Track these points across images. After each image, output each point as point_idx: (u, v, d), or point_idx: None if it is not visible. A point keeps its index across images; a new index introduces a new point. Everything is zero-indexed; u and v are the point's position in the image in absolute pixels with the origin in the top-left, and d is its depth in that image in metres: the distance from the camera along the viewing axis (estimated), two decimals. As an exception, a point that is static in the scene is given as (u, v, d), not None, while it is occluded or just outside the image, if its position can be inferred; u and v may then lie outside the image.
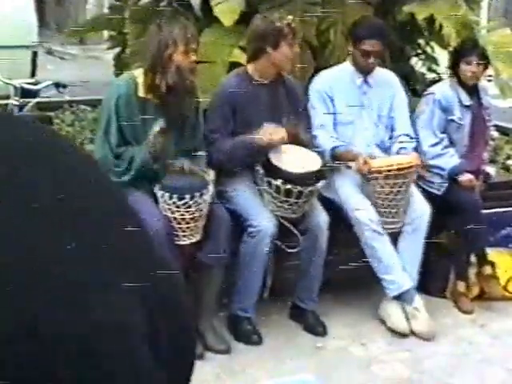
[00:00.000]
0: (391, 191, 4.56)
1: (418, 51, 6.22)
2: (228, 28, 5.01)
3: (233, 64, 4.95)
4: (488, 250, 4.99)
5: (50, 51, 14.02)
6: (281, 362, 4.13)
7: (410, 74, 5.76)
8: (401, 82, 5.02)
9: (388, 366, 4.22)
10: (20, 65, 7.99)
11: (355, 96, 4.85)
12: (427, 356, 4.33)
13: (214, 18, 5.12)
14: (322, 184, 4.40)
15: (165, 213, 4.08)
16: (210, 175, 4.26)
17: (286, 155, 4.36)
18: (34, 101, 5.71)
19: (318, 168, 4.34)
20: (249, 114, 4.42)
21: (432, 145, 4.98)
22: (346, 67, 4.88)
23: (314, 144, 4.67)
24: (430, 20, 5.37)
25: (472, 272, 4.97)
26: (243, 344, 4.33)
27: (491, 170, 5.33)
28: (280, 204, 4.31)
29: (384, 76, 4.95)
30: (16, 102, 5.61)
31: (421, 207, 4.67)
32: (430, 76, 6.12)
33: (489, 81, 5.60)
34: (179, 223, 4.07)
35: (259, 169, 4.36)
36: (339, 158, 4.74)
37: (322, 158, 4.47)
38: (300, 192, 4.26)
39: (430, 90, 5.14)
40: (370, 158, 4.62)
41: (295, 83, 4.73)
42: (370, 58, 4.75)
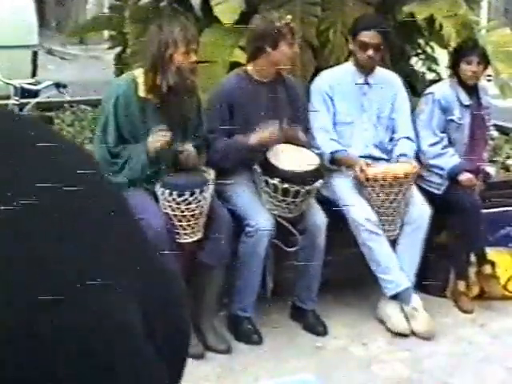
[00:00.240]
0: (387, 199, 4.56)
1: (418, 51, 6.22)
2: (228, 28, 5.01)
3: (233, 64, 4.95)
4: (488, 250, 4.99)
5: (50, 51, 14.03)
6: (281, 362, 4.13)
7: (410, 74, 5.75)
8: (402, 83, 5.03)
9: (388, 366, 4.22)
10: (20, 65, 8.00)
11: (355, 96, 4.84)
12: (427, 355, 4.33)
13: (214, 18, 5.12)
14: (319, 183, 4.38)
15: (165, 210, 4.08)
16: (210, 174, 4.26)
17: (283, 154, 4.35)
18: (34, 101, 5.72)
19: (315, 167, 4.34)
20: (248, 114, 4.42)
21: (431, 144, 4.98)
22: (347, 67, 4.88)
23: (312, 145, 4.68)
24: (430, 20, 5.37)
25: (472, 271, 4.97)
26: (243, 344, 4.33)
27: (491, 170, 5.32)
28: (277, 203, 4.31)
29: (386, 77, 4.94)
30: (16, 102, 5.61)
31: (421, 208, 4.66)
32: (430, 76, 6.11)
33: (488, 80, 5.59)
34: (180, 221, 4.07)
35: (257, 168, 4.36)
36: (337, 162, 4.74)
37: (320, 159, 4.48)
38: (297, 191, 4.26)
39: (429, 89, 5.13)
40: (367, 164, 4.62)
41: (296, 82, 4.72)
42: (368, 51, 4.71)
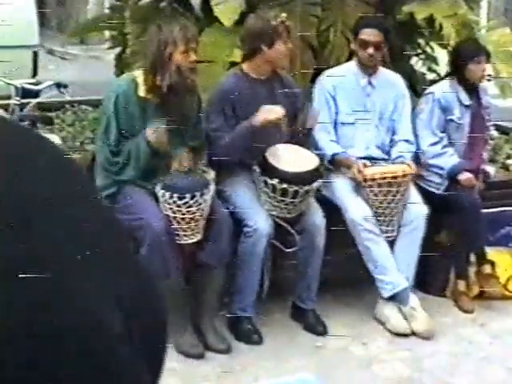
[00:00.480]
0: (385, 199, 4.56)
1: (418, 51, 6.22)
2: (228, 28, 5.01)
3: (233, 64, 4.95)
4: (488, 250, 4.98)
5: (51, 51, 14.03)
6: (281, 362, 4.13)
7: (410, 74, 5.75)
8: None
9: (388, 366, 4.22)
10: (21, 65, 7.99)
11: (358, 97, 4.83)
12: (427, 355, 4.33)
13: (214, 17, 5.12)
14: (318, 184, 4.38)
15: (165, 212, 4.08)
16: (210, 175, 4.26)
17: (282, 154, 4.35)
18: (34, 101, 5.72)
19: (314, 167, 4.33)
20: (248, 112, 4.42)
21: (431, 144, 4.97)
22: (350, 67, 4.86)
23: (313, 145, 4.68)
24: (430, 20, 5.37)
25: (472, 271, 4.97)
26: (244, 343, 4.33)
27: (491, 170, 5.33)
28: (276, 204, 4.31)
29: (389, 78, 4.93)
30: (17, 102, 5.62)
31: (418, 208, 4.66)
32: (430, 76, 6.11)
33: (488, 80, 5.59)
34: (180, 223, 4.07)
35: (256, 168, 4.36)
36: (337, 163, 4.74)
37: (319, 159, 4.48)
38: (296, 191, 4.26)
39: (429, 89, 5.12)
40: (365, 166, 4.62)
41: (292, 81, 4.73)
42: (369, 49, 4.70)
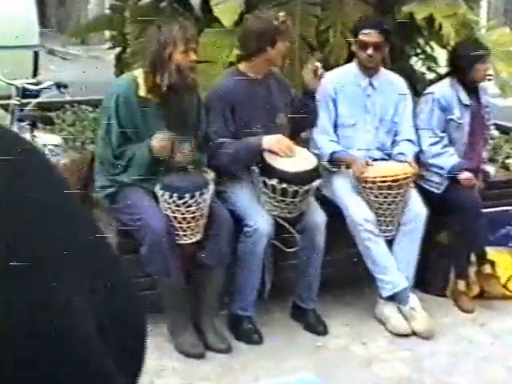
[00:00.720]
0: (385, 201, 4.56)
1: (418, 51, 6.22)
2: (228, 28, 5.01)
3: (233, 64, 4.95)
4: (488, 249, 4.99)
5: (51, 51, 14.04)
6: (281, 361, 4.13)
7: (410, 74, 5.75)
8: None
9: (388, 365, 4.22)
10: (22, 65, 8.00)
11: (359, 98, 4.82)
12: (427, 355, 4.33)
13: (213, 18, 5.13)
14: (317, 183, 4.38)
15: (165, 212, 4.09)
16: (210, 175, 4.26)
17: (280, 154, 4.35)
18: (34, 101, 5.72)
19: (313, 167, 4.33)
20: (247, 111, 4.43)
21: (431, 144, 4.97)
22: (351, 68, 4.86)
23: (312, 146, 4.69)
24: (430, 19, 5.37)
25: (472, 271, 4.97)
26: (244, 343, 4.33)
27: (491, 169, 5.33)
28: (276, 204, 4.31)
29: (390, 79, 4.92)
30: (17, 102, 5.62)
31: (417, 209, 4.65)
32: (430, 75, 6.11)
33: (489, 80, 5.59)
34: (180, 222, 4.08)
35: (255, 168, 4.36)
36: (337, 161, 4.73)
37: (319, 159, 4.48)
38: (296, 191, 4.26)
39: (429, 89, 5.11)
40: (367, 164, 4.62)
41: (284, 77, 4.74)
42: (368, 50, 4.70)
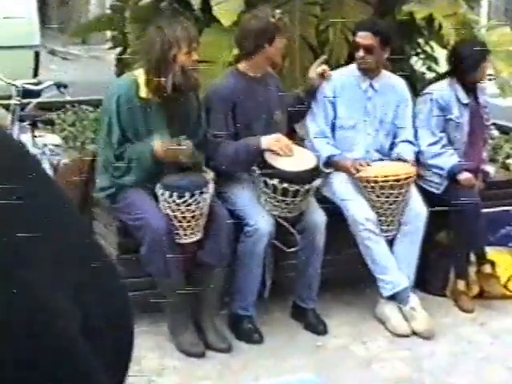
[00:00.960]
0: (386, 201, 4.55)
1: (418, 50, 6.22)
2: (227, 28, 5.01)
3: (232, 64, 4.96)
4: (488, 249, 4.99)
5: (52, 51, 14.04)
6: (281, 361, 4.14)
7: (410, 74, 5.75)
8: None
9: (388, 365, 4.22)
10: (22, 65, 8.00)
11: (359, 100, 4.81)
12: (427, 355, 4.33)
13: (213, 18, 5.13)
14: (318, 182, 4.38)
15: (165, 211, 4.09)
16: (209, 174, 4.26)
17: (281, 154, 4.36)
18: (35, 101, 5.72)
19: (313, 166, 4.34)
20: (247, 110, 4.43)
21: (430, 144, 4.96)
22: (352, 70, 4.84)
23: (309, 148, 4.69)
24: (430, 19, 5.37)
25: (472, 271, 4.97)
26: (244, 342, 4.33)
27: (491, 169, 5.32)
28: (277, 203, 4.31)
29: (391, 82, 4.91)
30: (18, 103, 5.62)
31: (418, 208, 4.65)
32: (430, 75, 6.11)
33: (489, 80, 5.59)
34: (180, 221, 4.08)
35: (255, 169, 4.36)
36: (333, 165, 4.73)
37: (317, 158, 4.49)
38: (296, 191, 4.26)
39: (427, 89, 5.11)
40: (361, 165, 4.61)
41: (274, 73, 4.73)
42: (360, 51, 4.71)
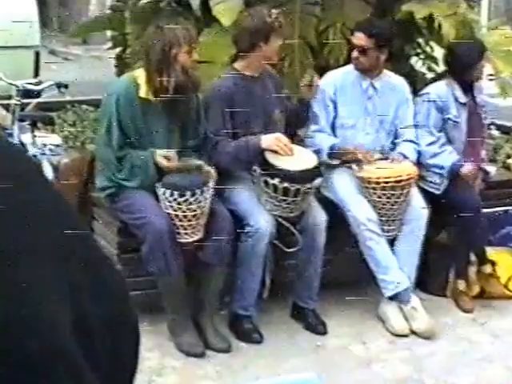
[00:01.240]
0: (388, 201, 4.55)
1: (418, 50, 6.22)
2: (227, 28, 5.02)
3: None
4: (488, 249, 4.98)
5: (52, 51, 14.05)
6: (281, 361, 4.13)
7: (410, 74, 5.75)
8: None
9: (388, 365, 4.22)
10: (23, 65, 8.01)
11: (360, 100, 4.81)
12: (427, 355, 4.33)
13: (213, 17, 5.13)
14: (318, 181, 4.39)
15: (166, 210, 4.10)
16: (210, 173, 4.26)
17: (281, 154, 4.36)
18: (35, 101, 5.73)
19: (314, 165, 4.34)
20: (246, 110, 4.43)
21: (429, 144, 4.95)
22: (353, 69, 4.84)
23: (310, 145, 4.69)
24: (430, 19, 5.37)
25: (472, 271, 4.96)
26: (244, 342, 4.33)
27: (491, 169, 5.32)
28: (278, 203, 4.31)
29: (392, 82, 4.91)
30: (18, 102, 5.62)
31: (419, 208, 4.64)
32: (430, 75, 6.11)
33: (489, 80, 5.59)
34: (181, 220, 4.09)
35: (256, 168, 4.36)
36: (337, 155, 4.73)
37: (318, 156, 4.48)
38: (297, 190, 4.26)
39: (425, 89, 5.10)
40: (370, 156, 4.63)
41: (275, 73, 4.73)
42: (354, 52, 4.72)
